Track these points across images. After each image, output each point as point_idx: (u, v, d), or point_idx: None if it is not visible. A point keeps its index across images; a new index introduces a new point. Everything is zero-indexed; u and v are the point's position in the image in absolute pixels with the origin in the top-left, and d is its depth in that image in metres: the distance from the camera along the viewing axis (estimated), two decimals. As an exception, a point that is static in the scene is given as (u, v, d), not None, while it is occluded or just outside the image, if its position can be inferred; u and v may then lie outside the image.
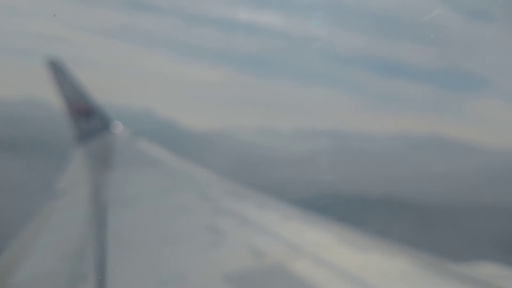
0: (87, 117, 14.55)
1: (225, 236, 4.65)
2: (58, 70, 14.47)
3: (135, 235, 5.34)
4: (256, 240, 4.47)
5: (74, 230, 5.81)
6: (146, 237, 5.16)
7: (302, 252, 4.07)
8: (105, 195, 7.56)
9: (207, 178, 8.61)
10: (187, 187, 7.60)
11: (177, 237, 4.90)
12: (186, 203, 6.38)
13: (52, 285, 4.18)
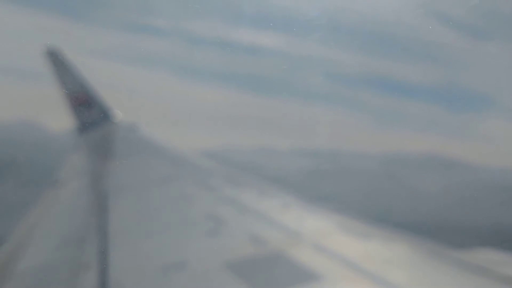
0: (87, 107, 14.50)
1: (226, 224, 4.66)
2: (57, 60, 14.39)
3: (136, 224, 5.36)
4: (256, 227, 4.48)
5: (76, 219, 5.83)
6: (147, 226, 5.18)
7: (303, 240, 4.08)
8: (106, 184, 7.57)
9: (207, 167, 8.62)
10: (187, 176, 7.61)
11: (178, 225, 4.91)
12: (187, 191, 6.39)
13: (54, 274, 4.20)
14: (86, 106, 14.47)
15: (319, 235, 4.17)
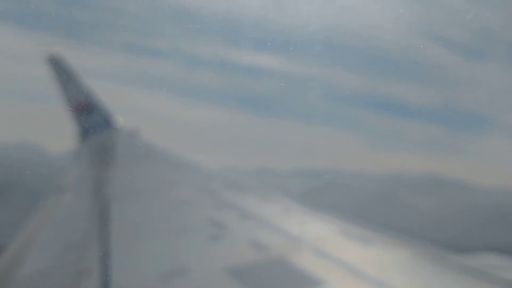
0: (88, 113, 14.53)
1: (227, 230, 4.67)
2: (58, 66, 14.44)
3: (137, 229, 5.36)
4: (258, 233, 4.49)
5: (77, 224, 5.84)
6: (148, 231, 5.19)
7: (304, 245, 4.09)
8: (107, 190, 7.58)
9: (208, 172, 8.63)
10: (189, 181, 7.63)
11: (179, 231, 4.92)
12: (188, 196, 6.40)
13: (57, 280, 4.21)
14: (88, 112, 14.51)
15: (320, 241, 4.18)
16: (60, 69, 14.44)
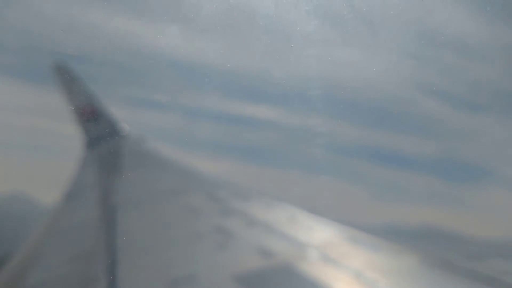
0: (95, 120, 14.58)
1: (234, 237, 4.66)
2: (64, 74, 14.51)
3: (144, 237, 5.37)
4: (264, 240, 4.48)
5: (85, 233, 5.85)
6: (155, 239, 5.19)
7: (311, 252, 4.07)
8: (114, 197, 7.60)
9: (215, 180, 8.63)
10: (195, 189, 7.63)
11: (186, 238, 4.92)
12: (195, 204, 6.40)
13: None
14: (94, 120, 14.55)
15: (327, 247, 4.16)
16: (67, 78, 14.52)
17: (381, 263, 3.86)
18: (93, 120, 14.58)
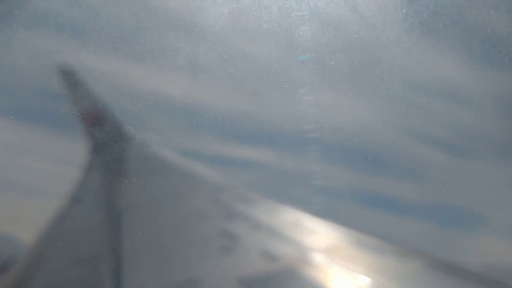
0: (100, 123, 14.62)
1: (238, 240, 4.65)
2: (70, 78, 14.57)
3: (149, 241, 5.36)
4: (269, 244, 4.46)
5: (89, 237, 5.85)
6: (160, 243, 5.18)
7: (315, 255, 4.05)
8: (119, 201, 7.60)
9: (219, 183, 8.62)
10: (199, 192, 7.62)
11: (190, 242, 4.91)
12: (199, 207, 6.39)
13: None
14: (99, 123, 14.60)
15: (332, 251, 4.14)
16: (72, 82, 14.58)
17: (387, 267, 3.84)
18: (98, 123, 14.64)
